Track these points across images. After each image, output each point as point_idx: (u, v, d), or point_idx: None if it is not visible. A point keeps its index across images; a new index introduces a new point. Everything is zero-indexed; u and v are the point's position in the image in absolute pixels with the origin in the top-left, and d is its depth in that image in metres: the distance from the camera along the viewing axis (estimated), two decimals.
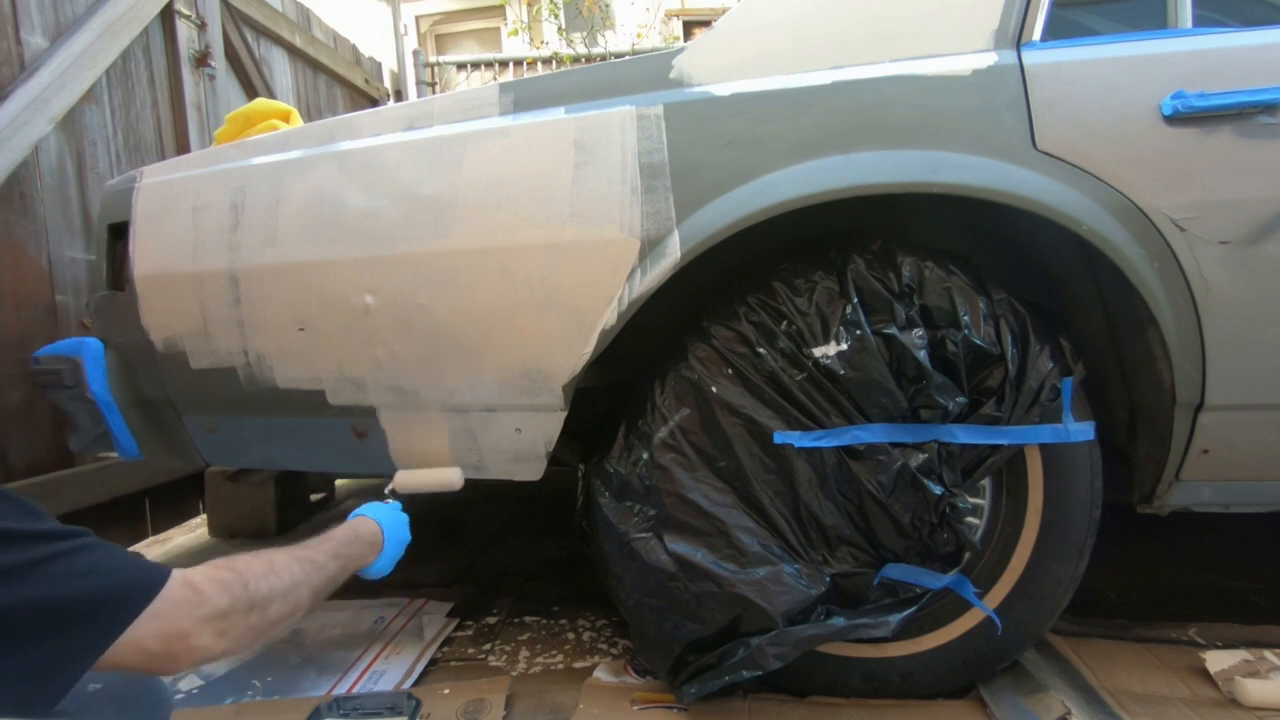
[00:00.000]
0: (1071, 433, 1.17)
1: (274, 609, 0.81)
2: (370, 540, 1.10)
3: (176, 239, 1.37)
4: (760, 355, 1.17)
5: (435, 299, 1.22)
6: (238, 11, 3.00)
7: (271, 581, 0.82)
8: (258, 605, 0.78)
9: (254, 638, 0.79)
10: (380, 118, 1.34)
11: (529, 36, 6.18)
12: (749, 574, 1.15)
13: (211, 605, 0.73)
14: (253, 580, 0.79)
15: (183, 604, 0.71)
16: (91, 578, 0.66)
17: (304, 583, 0.88)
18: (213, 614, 0.73)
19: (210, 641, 0.73)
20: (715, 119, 1.15)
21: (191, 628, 0.71)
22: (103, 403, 1.45)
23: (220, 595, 0.74)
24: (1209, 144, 1.07)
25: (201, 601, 0.72)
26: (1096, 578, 1.39)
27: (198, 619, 0.71)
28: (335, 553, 0.99)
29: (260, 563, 0.83)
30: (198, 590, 0.73)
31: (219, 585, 0.75)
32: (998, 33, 1.14)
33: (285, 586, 0.84)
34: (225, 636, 0.74)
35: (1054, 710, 1.16)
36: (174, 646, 0.70)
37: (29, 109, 1.97)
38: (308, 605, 0.89)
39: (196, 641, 0.71)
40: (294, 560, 0.88)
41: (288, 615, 0.84)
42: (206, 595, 0.73)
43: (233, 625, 0.75)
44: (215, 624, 0.73)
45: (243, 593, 0.77)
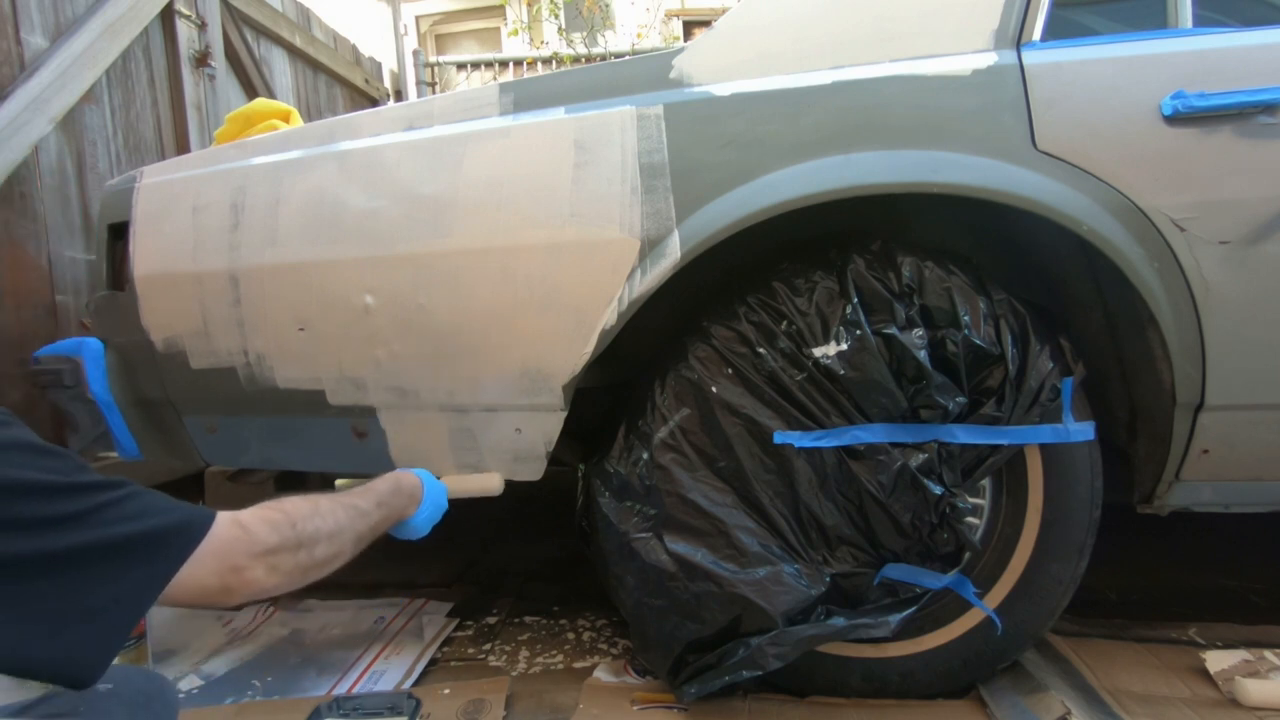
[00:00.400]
0: (1071, 433, 1.17)
1: (320, 549, 0.85)
2: (411, 493, 1.12)
3: (176, 239, 1.37)
4: (760, 355, 1.17)
5: (435, 299, 1.22)
6: (238, 11, 3.00)
7: (317, 523, 0.85)
8: (305, 544, 0.82)
9: (302, 575, 0.83)
10: (380, 118, 1.34)
11: (529, 36, 6.18)
12: (749, 574, 1.15)
13: (262, 542, 0.77)
14: (300, 520, 0.83)
15: (234, 541, 0.75)
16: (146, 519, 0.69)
17: (348, 528, 0.91)
18: (264, 550, 0.77)
19: (263, 575, 0.77)
20: (715, 119, 1.15)
21: (245, 562, 0.75)
22: (103, 403, 1.45)
23: (269, 534, 0.78)
24: (1209, 144, 1.07)
25: (252, 539, 0.76)
26: (1096, 578, 1.39)
27: (250, 554, 0.76)
28: (379, 501, 1.01)
29: (307, 505, 0.86)
30: (247, 529, 0.77)
31: (268, 524, 0.79)
32: (998, 33, 1.14)
33: (331, 529, 0.87)
34: (276, 572, 0.79)
35: (1054, 710, 1.16)
36: (229, 580, 0.74)
37: (29, 109, 1.97)
38: (351, 551, 0.93)
39: (250, 575, 0.76)
40: (339, 505, 0.91)
41: (333, 557, 0.88)
42: (256, 533, 0.77)
43: (282, 561, 0.79)
44: (266, 559, 0.77)
45: (291, 532, 0.81)
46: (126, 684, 0.82)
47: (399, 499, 1.07)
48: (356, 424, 1.33)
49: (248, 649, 1.57)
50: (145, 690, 0.84)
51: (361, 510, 0.95)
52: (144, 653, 1.41)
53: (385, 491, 1.05)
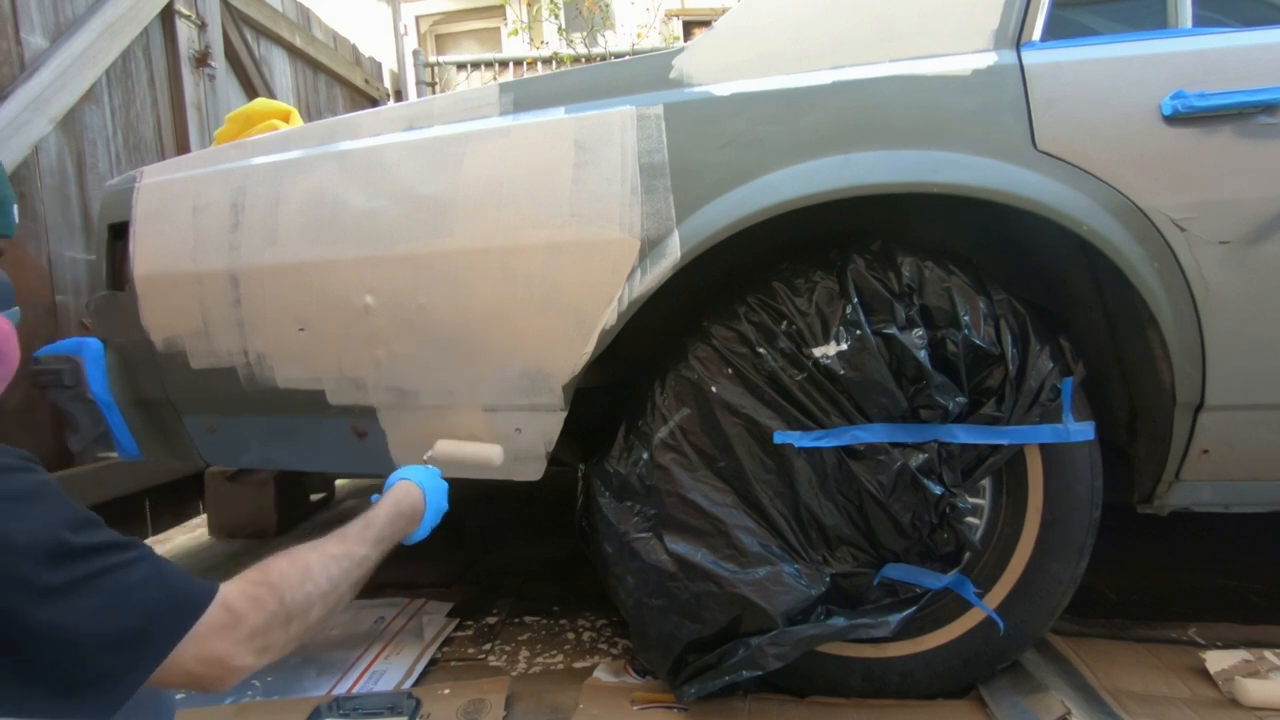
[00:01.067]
0: (1071, 433, 1.17)
1: (314, 614, 0.80)
2: (411, 515, 1.05)
3: (176, 239, 1.37)
4: (760, 355, 1.17)
5: (435, 299, 1.22)
6: (238, 11, 3.00)
7: (308, 588, 0.80)
8: (296, 615, 0.78)
9: (296, 643, 0.79)
10: (380, 118, 1.34)
11: (529, 36, 6.18)
12: (749, 574, 1.15)
13: (249, 625, 0.73)
14: (288, 591, 0.78)
15: (219, 628, 0.71)
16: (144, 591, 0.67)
17: (343, 580, 0.86)
18: (250, 633, 0.73)
19: (253, 660, 0.73)
20: (715, 119, 1.15)
21: (230, 650, 0.71)
22: (103, 403, 1.45)
23: (256, 613, 0.74)
24: (1209, 144, 1.07)
25: (237, 623, 0.72)
26: (1096, 578, 1.39)
27: (236, 641, 0.71)
28: (378, 539, 0.96)
29: (296, 571, 0.81)
30: (232, 611, 0.72)
31: (253, 603, 0.74)
32: (998, 33, 1.14)
33: (324, 590, 0.82)
34: (267, 651, 0.74)
35: (1054, 710, 1.16)
36: (216, 669, 0.70)
37: (29, 109, 1.97)
38: (350, 598, 0.88)
39: (237, 663, 0.72)
40: (330, 560, 0.86)
41: (329, 614, 0.83)
42: (242, 615, 0.73)
43: (273, 640, 0.75)
44: (254, 642, 0.73)
45: (279, 607, 0.76)
46: None
47: (398, 525, 1.01)
48: (357, 424, 1.33)
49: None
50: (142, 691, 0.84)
51: (357, 558, 0.90)
52: None
53: (383, 524, 0.99)
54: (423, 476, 1.10)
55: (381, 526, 0.98)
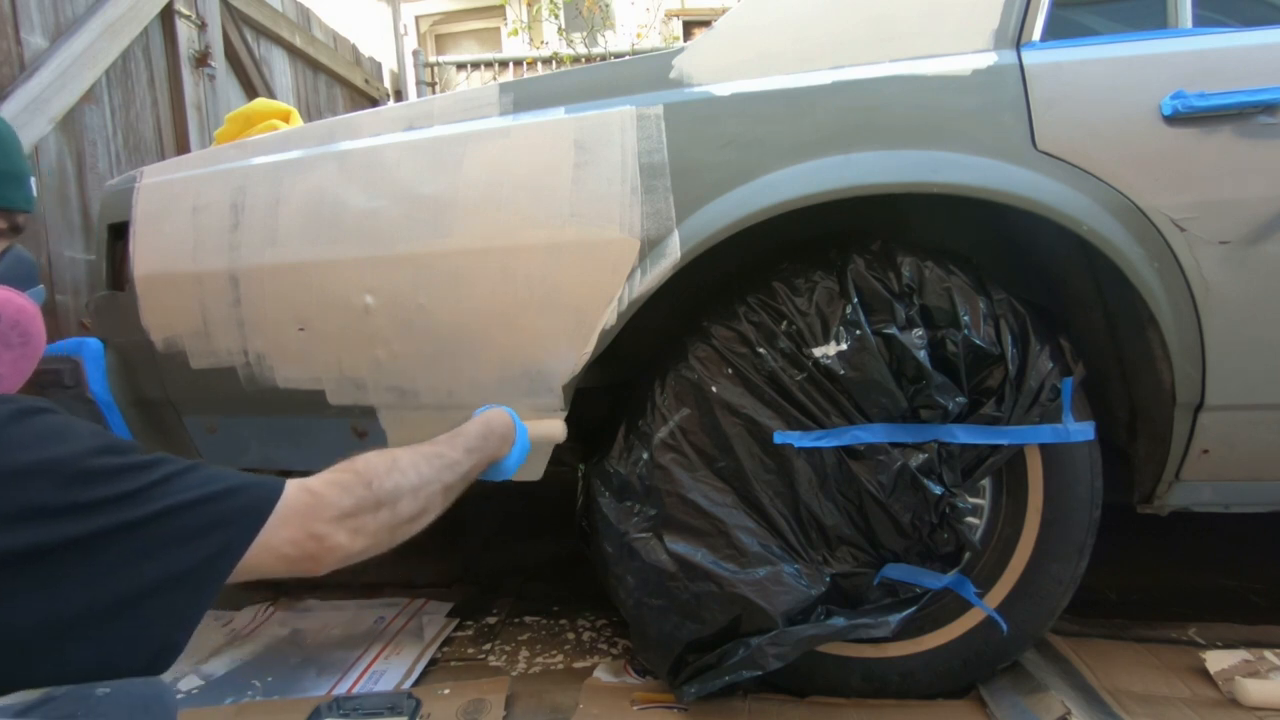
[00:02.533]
0: (1071, 433, 1.17)
1: (404, 505, 0.80)
2: (503, 434, 1.05)
3: (176, 239, 1.37)
4: (760, 355, 1.17)
5: (435, 299, 1.22)
6: (238, 11, 3.00)
7: (396, 479, 0.80)
8: (385, 502, 0.78)
9: (390, 534, 0.79)
10: (380, 118, 1.34)
11: (529, 36, 6.18)
12: (749, 574, 1.15)
13: (336, 507, 0.73)
14: (375, 479, 0.78)
15: (305, 509, 0.71)
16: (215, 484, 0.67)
17: (434, 479, 0.86)
18: (340, 514, 0.73)
19: (346, 540, 0.73)
20: (715, 119, 1.15)
21: (323, 529, 0.72)
22: (103, 403, 1.45)
23: (342, 497, 0.74)
24: (1209, 144, 1.07)
25: (323, 505, 0.73)
26: (1096, 578, 1.38)
27: (327, 520, 0.72)
28: (469, 447, 0.95)
29: (383, 461, 0.81)
30: (316, 494, 0.73)
31: (339, 488, 0.75)
32: (997, 33, 1.14)
33: (413, 483, 0.82)
34: (360, 534, 0.75)
35: (1054, 710, 1.16)
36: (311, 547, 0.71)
37: (29, 109, 1.97)
38: (443, 503, 0.88)
39: (332, 541, 0.72)
40: (421, 457, 0.86)
41: (420, 512, 0.83)
42: (327, 498, 0.73)
43: (364, 524, 0.75)
44: (346, 523, 0.74)
45: (366, 492, 0.76)
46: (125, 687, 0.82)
47: (491, 442, 1.00)
48: (357, 424, 1.33)
49: (248, 649, 1.57)
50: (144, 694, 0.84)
51: (448, 460, 0.90)
52: None
53: (475, 435, 0.98)
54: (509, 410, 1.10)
55: (473, 437, 0.98)
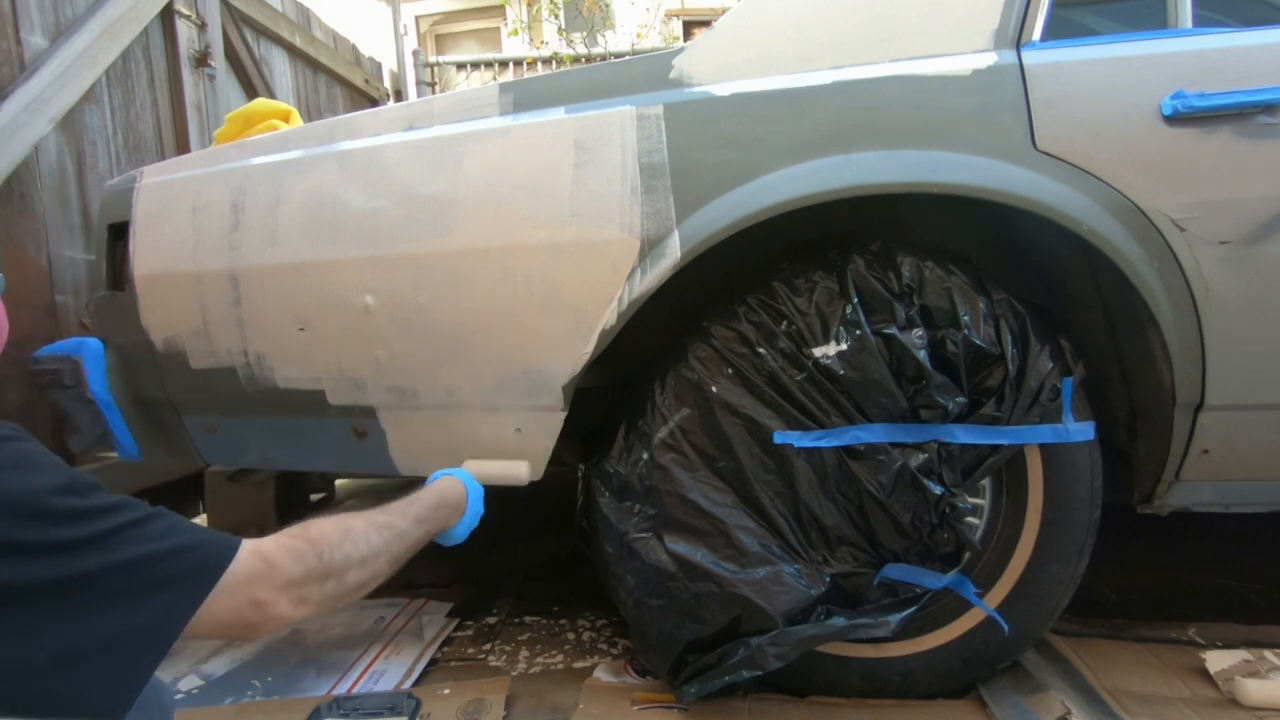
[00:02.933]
0: (1071, 433, 1.17)
1: (351, 576, 0.81)
2: (455, 505, 1.06)
3: (176, 239, 1.37)
4: (760, 355, 1.17)
5: (435, 299, 1.22)
6: (238, 11, 3.00)
7: (347, 549, 0.81)
8: (334, 573, 0.78)
9: (333, 604, 0.79)
10: (380, 118, 1.34)
11: (529, 36, 6.18)
12: (749, 574, 1.15)
13: (286, 575, 0.73)
14: (328, 549, 0.78)
15: (255, 576, 0.71)
16: (169, 540, 0.65)
17: (383, 550, 0.86)
18: (288, 583, 0.73)
19: (289, 610, 0.73)
20: (715, 119, 1.15)
21: (268, 597, 0.71)
22: (103, 403, 1.45)
23: (294, 565, 0.74)
24: (1209, 144, 1.07)
25: (274, 572, 0.72)
26: (1096, 578, 1.39)
27: (273, 588, 0.72)
28: (419, 517, 0.96)
29: (336, 530, 0.81)
30: (269, 561, 0.72)
31: (292, 555, 0.75)
32: (998, 33, 1.14)
33: (363, 554, 0.83)
34: (304, 604, 0.75)
35: (1054, 710, 1.16)
36: (252, 615, 0.71)
37: (29, 109, 1.97)
38: (387, 572, 0.88)
39: (275, 611, 0.72)
40: (372, 527, 0.87)
41: (366, 582, 0.84)
42: (279, 566, 0.73)
43: (309, 594, 0.75)
44: (292, 593, 0.73)
45: (317, 562, 0.76)
46: None
47: (442, 512, 1.02)
48: (356, 424, 1.33)
49: (247, 649, 1.57)
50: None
51: (398, 530, 0.90)
52: None
53: (427, 506, 0.99)
54: (465, 476, 1.11)
55: (424, 507, 0.99)
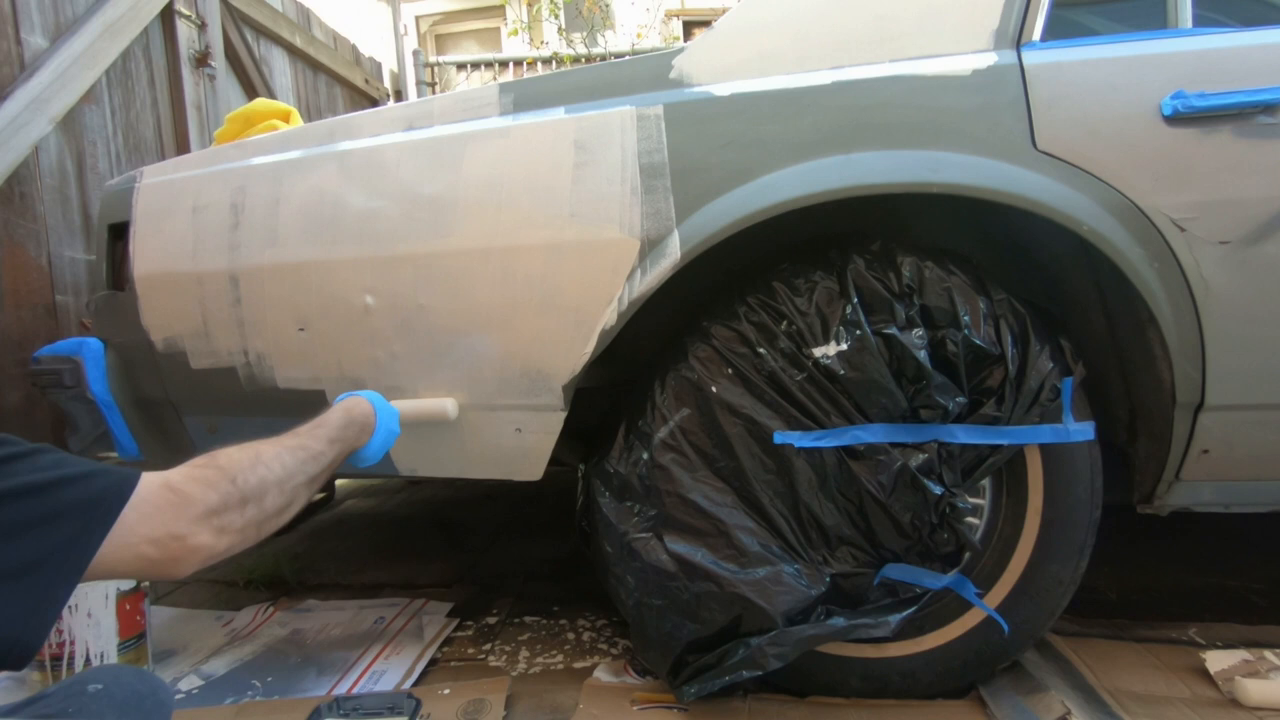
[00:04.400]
0: (1071, 433, 1.17)
1: (270, 500, 0.79)
2: (364, 423, 1.05)
3: (176, 239, 1.37)
4: (760, 355, 1.17)
5: (435, 299, 1.22)
6: (238, 11, 3.00)
7: (261, 473, 0.79)
8: (251, 498, 0.76)
9: (256, 531, 0.77)
10: (380, 118, 1.34)
11: (529, 36, 6.18)
12: (749, 574, 1.15)
13: (202, 504, 0.71)
14: (240, 474, 0.76)
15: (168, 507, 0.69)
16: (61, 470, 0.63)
17: (298, 471, 0.85)
18: (205, 512, 0.71)
19: (211, 539, 0.71)
20: (715, 119, 1.15)
21: (186, 529, 0.69)
22: (103, 403, 1.45)
23: (208, 493, 0.72)
24: (1209, 144, 1.07)
25: (188, 502, 0.70)
26: (1096, 578, 1.39)
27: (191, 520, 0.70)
28: (331, 438, 0.95)
29: (246, 455, 0.80)
30: (179, 491, 0.70)
31: (203, 484, 0.73)
32: (998, 33, 1.14)
33: (279, 476, 0.81)
34: (226, 533, 0.73)
35: (1054, 710, 1.16)
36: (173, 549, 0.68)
37: (29, 109, 1.97)
38: (306, 495, 0.87)
39: (196, 541, 0.70)
40: (284, 450, 0.85)
41: (286, 506, 0.82)
42: (191, 496, 0.71)
43: (230, 521, 0.73)
44: (211, 521, 0.71)
45: (231, 488, 0.74)
46: (117, 683, 0.82)
47: (351, 431, 1.00)
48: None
49: (247, 649, 1.57)
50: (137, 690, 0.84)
51: (312, 452, 0.89)
52: (143, 653, 1.42)
53: (336, 426, 0.98)
54: (373, 396, 1.11)
55: (334, 427, 0.97)
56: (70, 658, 1.29)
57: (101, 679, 0.80)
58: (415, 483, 2.91)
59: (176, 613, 1.80)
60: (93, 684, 0.79)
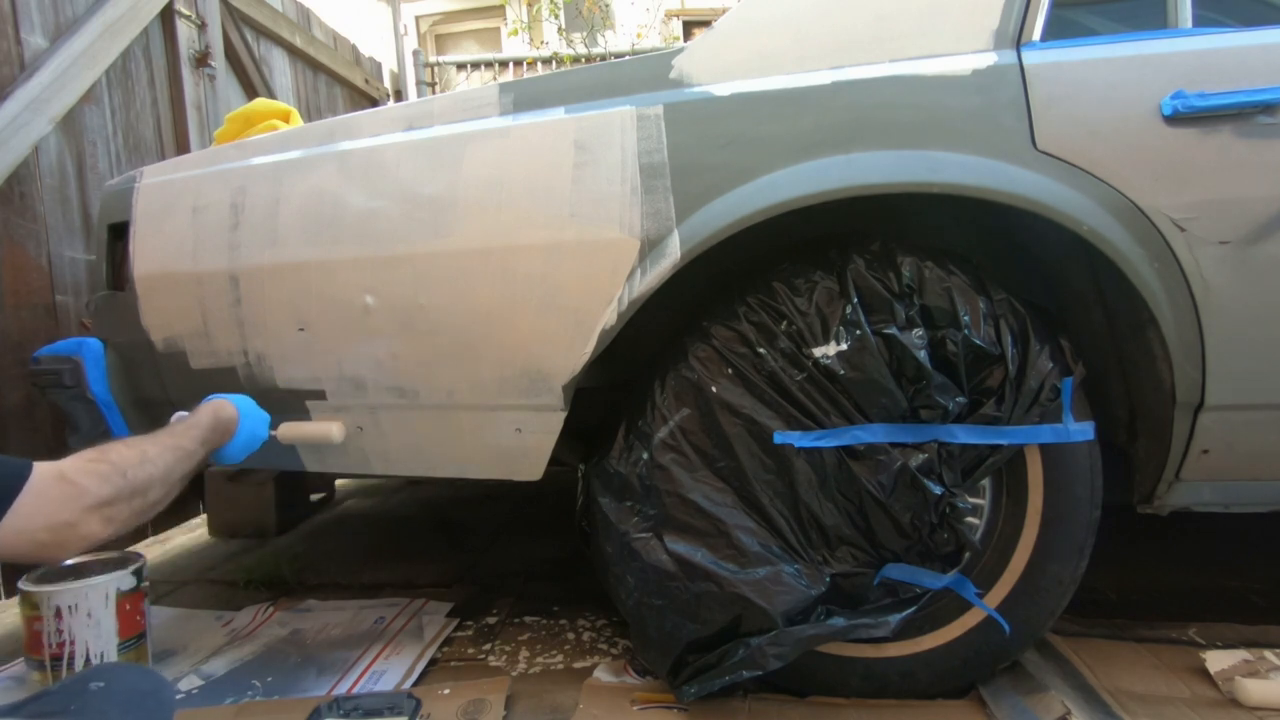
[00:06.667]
0: (1071, 433, 1.17)
1: (152, 494, 0.88)
2: (226, 426, 1.13)
3: (176, 239, 1.37)
4: (760, 355, 1.17)
5: (435, 299, 1.22)
6: (238, 11, 3.00)
7: (149, 469, 0.88)
8: (139, 491, 0.85)
9: (135, 520, 0.86)
10: (380, 118, 1.34)
11: (529, 36, 6.18)
12: (749, 574, 1.15)
13: (94, 496, 0.79)
14: (130, 469, 0.85)
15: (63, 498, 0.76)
16: None
17: (176, 468, 0.94)
18: (97, 503, 0.79)
19: (99, 528, 0.79)
20: (715, 119, 1.15)
21: (78, 517, 0.77)
22: (103, 403, 1.45)
23: (101, 486, 0.80)
24: (1209, 144, 1.07)
25: (81, 493, 0.78)
26: (1096, 578, 1.39)
27: (83, 509, 0.77)
28: (203, 440, 1.04)
29: (134, 452, 0.88)
30: (75, 483, 0.78)
31: (98, 477, 0.80)
32: (998, 33, 1.14)
33: (161, 473, 0.90)
34: (112, 523, 0.81)
35: (1054, 710, 1.16)
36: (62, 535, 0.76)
37: (29, 109, 1.97)
38: (178, 489, 0.96)
39: (84, 530, 0.78)
40: (165, 449, 0.94)
41: (164, 498, 0.91)
42: (86, 487, 0.78)
43: (118, 512, 0.82)
44: (101, 512, 0.79)
45: (123, 481, 0.82)
46: (119, 682, 0.82)
47: (216, 433, 1.09)
48: (357, 424, 1.33)
49: (247, 649, 1.57)
50: (139, 688, 0.84)
51: (186, 451, 0.98)
52: (143, 653, 1.42)
53: (206, 427, 1.07)
54: (239, 399, 1.17)
55: (204, 429, 1.06)
56: (70, 658, 1.29)
57: (104, 677, 0.80)
58: (415, 483, 2.91)
59: (176, 613, 1.80)
60: (95, 682, 0.80)
